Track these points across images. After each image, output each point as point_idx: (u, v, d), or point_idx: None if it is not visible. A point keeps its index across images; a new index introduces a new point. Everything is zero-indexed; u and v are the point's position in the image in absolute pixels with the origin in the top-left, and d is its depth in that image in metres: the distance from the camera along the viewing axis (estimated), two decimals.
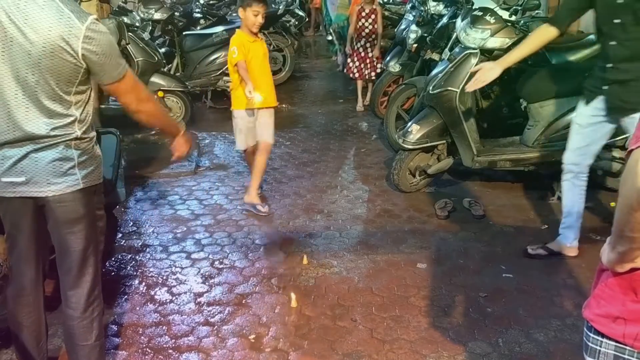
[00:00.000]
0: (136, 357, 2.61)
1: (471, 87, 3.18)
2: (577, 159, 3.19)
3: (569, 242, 3.35)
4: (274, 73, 8.22)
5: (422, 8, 6.42)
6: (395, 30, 7.14)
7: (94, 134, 2.05)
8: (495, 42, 3.90)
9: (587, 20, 6.66)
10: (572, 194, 3.28)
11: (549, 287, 3.09)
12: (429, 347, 2.62)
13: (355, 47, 6.93)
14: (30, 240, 2.08)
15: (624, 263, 1.23)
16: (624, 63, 2.81)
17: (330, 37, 8.38)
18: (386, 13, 7.96)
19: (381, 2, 8.99)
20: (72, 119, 1.92)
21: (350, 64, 7.01)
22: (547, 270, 3.27)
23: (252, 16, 3.87)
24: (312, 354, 2.59)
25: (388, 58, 6.52)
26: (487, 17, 3.90)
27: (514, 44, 3.95)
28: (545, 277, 3.19)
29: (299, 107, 7.31)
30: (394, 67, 6.11)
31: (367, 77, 6.94)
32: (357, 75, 6.98)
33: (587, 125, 3.07)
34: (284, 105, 7.12)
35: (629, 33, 2.74)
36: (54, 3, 1.81)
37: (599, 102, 2.97)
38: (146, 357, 2.61)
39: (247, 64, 3.88)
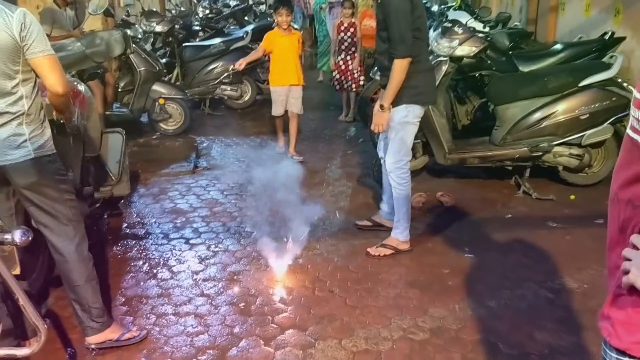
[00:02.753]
0: (141, 321, 3.01)
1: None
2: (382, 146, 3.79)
3: (384, 215, 3.98)
4: (269, 82, 8.69)
5: None
6: None
7: (43, 115, 2.50)
8: (463, 51, 4.33)
9: (562, 30, 7.15)
10: (385, 176, 3.82)
11: (505, 265, 3.50)
12: (394, 311, 3.02)
13: (336, 61, 7.32)
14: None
15: None
16: (382, 71, 3.54)
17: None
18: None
19: None
20: (19, 95, 2.37)
21: (335, 77, 7.40)
22: (505, 252, 3.69)
23: (279, 17, 5.54)
24: (293, 317, 3.00)
25: (376, 68, 6.95)
26: (456, 28, 4.34)
27: (480, 52, 4.41)
28: (502, 258, 3.60)
29: None
30: (379, 75, 6.54)
31: (348, 89, 7.30)
32: (337, 87, 7.37)
33: None
34: None
35: (381, 48, 3.48)
36: None
37: None
38: (149, 320, 3.01)
39: (273, 52, 5.59)
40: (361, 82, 7.31)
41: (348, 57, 7.25)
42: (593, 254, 3.61)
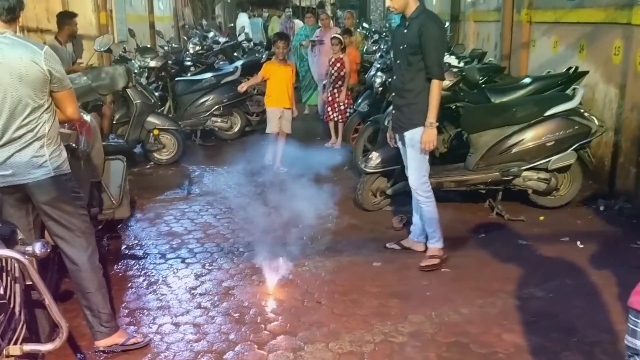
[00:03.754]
0: (143, 330, 3.26)
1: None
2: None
3: (415, 237, 4.25)
4: (257, 114, 9.09)
5: (386, 56, 7.37)
6: (366, 76, 8.04)
7: (59, 138, 2.82)
8: None
9: (533, 65, 7.63)
10: (415, 202, 4.15)
11: (478, 278, 3.82)
12: (377, 318, 3.31)
13: (325, 93, 7.74)
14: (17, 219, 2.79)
15: None
16: (399, 93, 3.91)
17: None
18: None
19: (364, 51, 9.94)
20: (43, 119, 2.69)
21: (325, 108, 7.82)
22: (478, 266, 4.01)
23: (276, 49, 6.42)
24: (284, 325, 3.28)
25: (360, 100, 7.37)
26: None
27: (453, 85, 4.80)
28: (476, 271, 3.92)
29: None
30: (363, 107, 6.97)
31: (334, 119, 7.71)
32: (324, 117, 7.79)
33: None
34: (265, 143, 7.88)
35: (402, 71, 3.85)
36: (17, 40, 2.65)
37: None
38: (151, 329, 3.27)
39: (270, 79, 6.41)
40: (347, 114, 7.71)
41: (335, 90, 7.66)
42: (558, 267, 3.95)
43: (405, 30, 3.81)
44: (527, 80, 5.69)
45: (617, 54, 5.53)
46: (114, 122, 6.94)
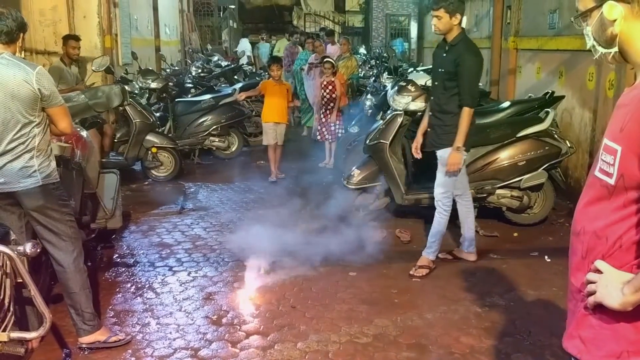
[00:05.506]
0: (127, 329, 3.50)
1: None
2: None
3: (465, 248, 4.53)
4: (255, 135, 9.40)
5: (377, 80, 7.69)
6: (360, 99, 8.36)
7: (50, 150, 3.09)
8: (415, 106, 4.99)
9: (519, 90, 7.91)
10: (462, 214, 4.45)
11: (445, 287, 4.04)
12: (345, 321, 3.54)
13: (319, 115, 8.06)
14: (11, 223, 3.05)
15: None
16: (435, 113, 4.12)
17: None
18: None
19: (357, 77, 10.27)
20: (33, 134, 2.95)
21: (318, 128, 8.13)
22: (447, 277, 4.23)
23: (272, 72, 7.28)
24: (257, 327, 3.51)
25: (353, 122, 7.66)
26: (409, 87, 5.02)
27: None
28: (444, 282, 4.14)
29: None
30: (353, 128, 7.25)
31: (326, 139, 8.01)
32: (318, 137, 8.08)
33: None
34: (261, 162, 8.17)
35: (438, 93, 4.11)
36: (12, 61, 2.92)
37: None
38: (135, 329, 3.51)
39: (265, 95, 7.17)
40: (338, 134, 7.99)
41: (327, 112, 7.95)
42: (523, 278, 4.17)
43: (445, 55, 4.07)
44: (506, 104, 5.96)
45: (592, 80, 5.80)
46: (116, 140, 7.26)
